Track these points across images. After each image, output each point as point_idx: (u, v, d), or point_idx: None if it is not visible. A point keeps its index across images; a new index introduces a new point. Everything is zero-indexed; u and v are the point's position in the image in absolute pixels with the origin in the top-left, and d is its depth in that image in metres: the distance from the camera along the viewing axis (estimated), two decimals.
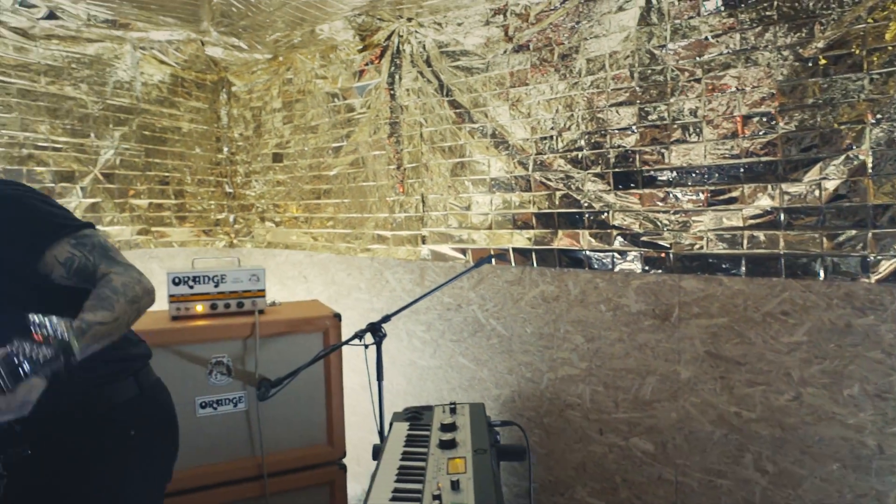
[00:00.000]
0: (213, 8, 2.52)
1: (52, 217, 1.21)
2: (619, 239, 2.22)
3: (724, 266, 2.00)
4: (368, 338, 2.08)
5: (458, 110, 2.65)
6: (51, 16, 2.56)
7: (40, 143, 2.75)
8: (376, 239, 3.02)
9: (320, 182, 3.29)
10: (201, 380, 2.12)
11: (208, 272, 2.21)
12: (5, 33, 2.56)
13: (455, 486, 1.14)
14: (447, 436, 1.39)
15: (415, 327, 2.91)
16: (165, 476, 1.47)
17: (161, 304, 3.11)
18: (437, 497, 1.12)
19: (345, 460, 2.35)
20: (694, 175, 2.04)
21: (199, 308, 2.20)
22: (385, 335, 2.11)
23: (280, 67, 3.43)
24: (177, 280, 2.18)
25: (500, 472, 1.89)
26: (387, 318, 2.13)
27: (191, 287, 2.19)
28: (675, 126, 2.06)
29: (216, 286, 2.22)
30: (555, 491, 2.45)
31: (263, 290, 2.29)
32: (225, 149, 3.76)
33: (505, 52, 2.48)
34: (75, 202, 2.88)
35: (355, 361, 2.49)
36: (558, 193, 2.37)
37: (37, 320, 0.96)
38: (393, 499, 1.16)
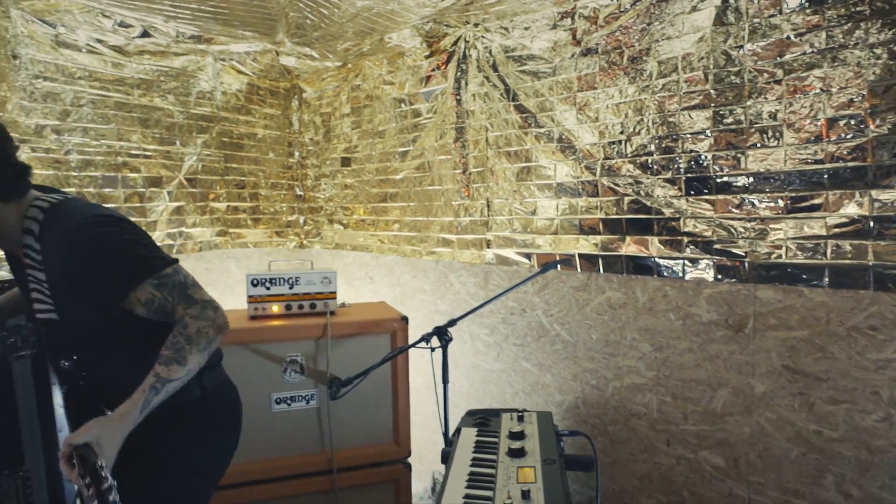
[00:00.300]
0: (289, 21, 2.64)
1: (138, 259, 1.28)
2: (691, 246, 2.16)
3: (804, 276, 1.91)
4: (434, 341, 2.12)
5: (524, 115, 2.65)
6: (144, 34, 2.76)
7: (133, 151, 2.96)
8: (441, 242, 3.06)
9: (387, 186, 3.37)
10: (276, 377, 2.23)
11: (284, 274, 2.32)
12: (105, 51, 2.77)
13: (525, 495, 1.16)
14: (516, 444, 1.40)
15: (478, 330, 2.94)
16: (218, 472, 1.52)
17: (240, 303, 3.28)
18: None
19: (409, 459, 2.41)
20: (772, 181, 1.96)
21: (275, 308, 2.32)
22: (451, 339, 2.14)
23: (349, 74, 3.53)
24: (255, 282, 2.30)
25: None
26: (453, 323, 2.16)
27: (267, 288, 2.31)
28: (753, 130, 1.99)
29: (291, 288, 2.32)
30: (619, 500, 2.41)
31: (335, 293, 2.38)
32: (296, 153, 3.92)
33: (572, 55, 2.46)
34: (162, 206, 3.09)
35: (419, 362, 2.54)
36: (627, 199, 2.33)
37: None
38: None
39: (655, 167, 2.24)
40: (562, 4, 2.45)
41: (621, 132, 2.33)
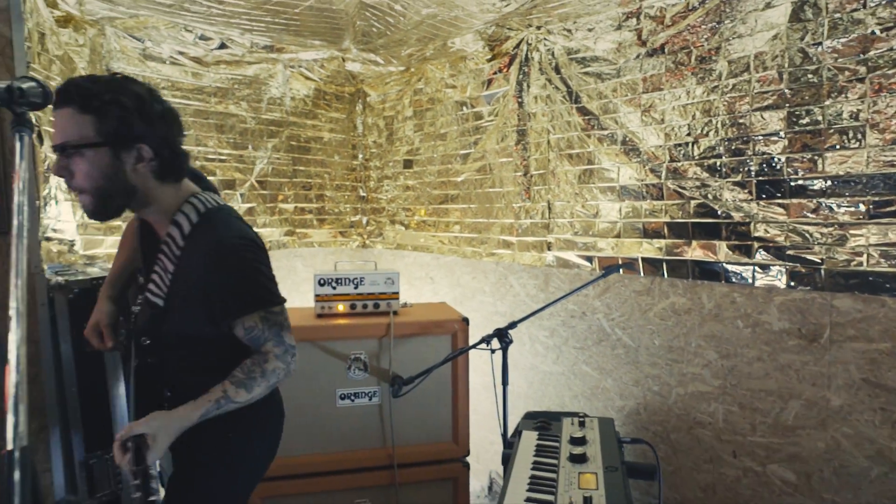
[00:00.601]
0: (356, 29, 2.73)
1: (263, 289, 1.37)
2: (762, 252, 2.09)
3: (888, 286, 1.81)
4: (494, 343, 2.15)
5: (586, 117, 2.63)
6: (222, 46, 2.93)
7: (210, 156, 3.14)
8: (501, 244, 3.08)
9: (448, 187, 3.42)
10: (341, 373, 2.31)
11: (349, 275, 2.41)
12: (186, 62, 2.96)
13: (587, 502, 1.17)
14: (578, 450, 1.41)
15: (538, 332, 2.94)
16: (257, 476, 1.56)
17: (306, 301, 3.41)
18: None
19: (467, 458, 2.45)
20: (853, 184, 1.87)
21: (341, 307, 2.41)
22: (511, 341, 2.16)
23: (412, 78, 3.60)
24: (322, 281, 2.40)
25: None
26: (513, 325, 2.18)
27: (333, 288, 2.40)
28: (832, 131, 1.90)
29: (356, 288, 2.41)
30: None
31: (397, 293, 2.44)
32: (360, 155, 4.03)
33: (637, 56, 2.42)
34: (235, 207, 3.26)
35: (478, 362, 2.58)
36: (693, 202, 2.27)
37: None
38: None
39: (724, 170, 2.17)
40: (627, 5, 2.42)
41: (688, 134, 2.27)
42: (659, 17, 2.34)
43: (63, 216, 2.39)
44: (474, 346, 2.17)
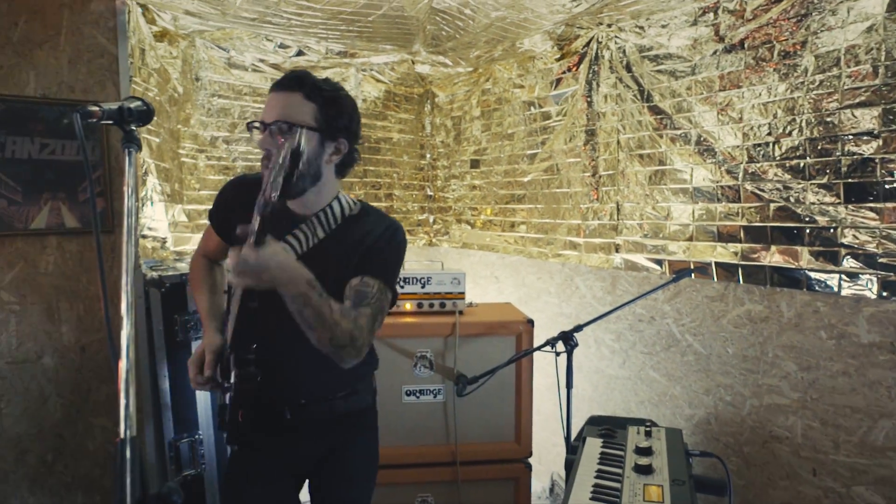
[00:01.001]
0: (426, 34, 2.78)
1: (397, 269, 1.53)
2: (850, 259, 1.96)
3: None
4: (560, 346, 2.14)
5: (658, 116, 2.56)
6: (299, 53, 3.07)
7: None
8: (568, 245, 3.05)
9: (514, 187, 3.42)
10: (407, 370, 2.38)
11: (416, 274, 2.47)
12: (266, 69, 3.12)
13: None
14: (643, 460, 1.39)
15: (604, 335, 2.89)
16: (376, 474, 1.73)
17: None
18: None
19: (529, 459, 2.46)
20: None
21: (408, 306, 2.47)
22: (576, 344, 2.15)
23: (479, 78, 3.62)
24: None
25: None
26: (579, 328, 2.17)
27: (401, 287, 2.47)
28: None
29: (423, 287, 2.46)
30: None
31: (463, 293, 2.48)
32: (427, 155, 4.10)
33: (714, 52, 2.33)
34: None
35: (542, 363, 2.57)
36: (773, 205, 2.17)
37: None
38: None
39: (808, 171, 2.06)
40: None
41: (768, 133, 2.17)
42: (738, 12, 2.24)
43: (157, 216, 2.59)
44: (538, 349, 2.17)
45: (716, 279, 2.37)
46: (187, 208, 2.86)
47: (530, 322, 2.41)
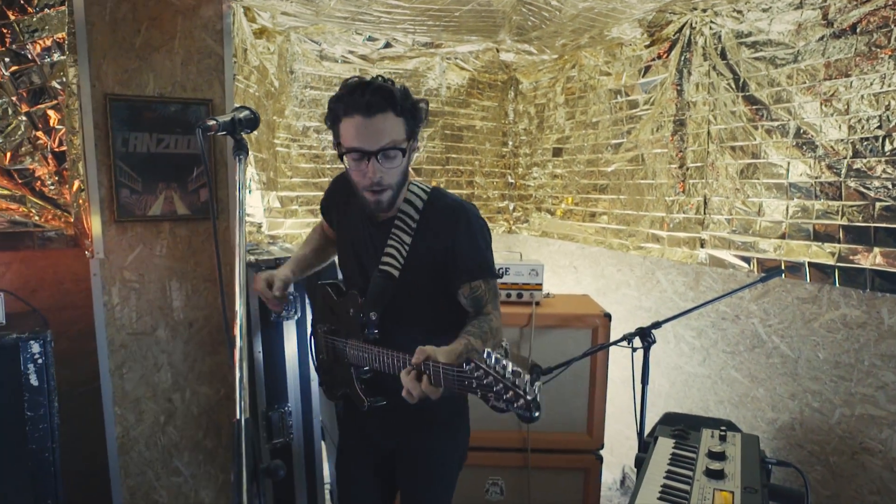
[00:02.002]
0: (511, 24, 2.78)
1: (489, 257, 1.54)
2: None
3: None
4: (637, 341, 2.13)
5: (754, 106, 2.43)
6: (387, 45, 3.17)
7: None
8: (650, 238, 2.99)
9: (597, 177, 3.37)
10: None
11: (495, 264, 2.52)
12: (355, 60, 3.25)
13: None
14: (715, 465, 1.38)
15: (684, 332, 2.83)
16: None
17: None
18: None
19: (600, 451, 2.47)
20: None
21: None
22: (654, 341, 2.13)
23: (565, 65, 3.57)
24: None
25: None
26: (658, 325, 2.14)
27: None
28: None
29: (500, 277, 2.51)
30: None
31: (541, 285, 2.51)
32: (510, 143, 4.11)
33: (821, 38, 2.18)
34: None
35: (618, 355, 2.55)
36: (879, 204, 2.02)
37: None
38: None
39: None
40: None
41: (878, 126, 2.01)
42: None
43: (253, 202, 2.80)
44: (615, 343, 2.17)
45: (809, 280, 2.25)
46: (280, 195, 3.05)
47: (607, 316, 2.41)
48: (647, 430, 2.15)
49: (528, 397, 1.07)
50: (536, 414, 1.08)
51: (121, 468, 2.21)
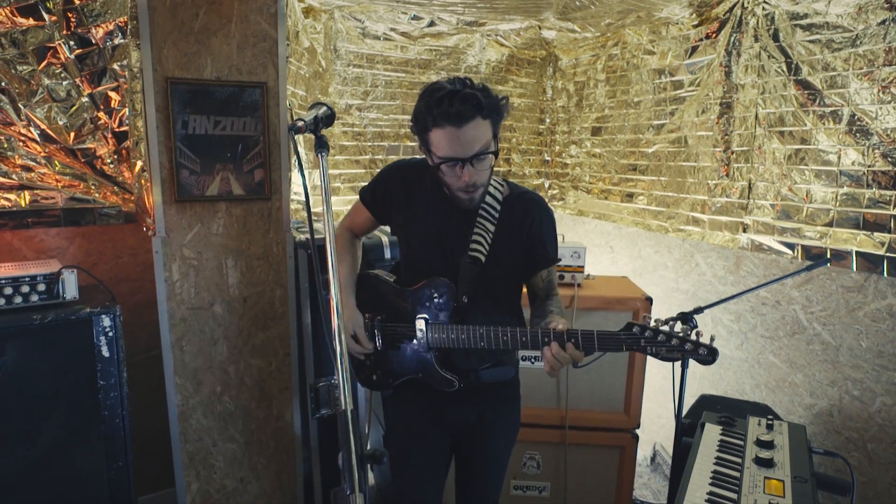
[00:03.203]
0: (558, 4, 2.75)
1: (557, 247, 1.76)
2: None
3: None
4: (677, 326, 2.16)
5: (807, 91, 2.39)
6: (430, 24, 3.15)
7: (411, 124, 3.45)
8: (691, 221, 2.99)
9: (637, 158, 3.35)
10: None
11: None
12: (397, 37, 3.25)
13: None
14: (765, 453, 1.43)
15: (722, 315, 2.85)
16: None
17: None
18: None
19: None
20: None
21: None
22: (696, 326, 2.15)
23: (607, 42, 3.52)
24: None
25: None
26: (700, 310, 2.16)
27: None
28: None
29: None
30: None
31: (582, 267, 2.54)
32: (547, 120, 4.09)
33: (883, 22, 2.13)
34: None
35: None
36: None
37: None
38: (709, 501, 1.29)
39: None
40: None
41: None
42: None
43: (298, 180, 2.85)
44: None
45: (855, 269, 2.25)
46: None
47: (649, 300, 2.44)
48: (684, 413, 2.20)
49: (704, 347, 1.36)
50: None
51: (181, 434, 2.34)
